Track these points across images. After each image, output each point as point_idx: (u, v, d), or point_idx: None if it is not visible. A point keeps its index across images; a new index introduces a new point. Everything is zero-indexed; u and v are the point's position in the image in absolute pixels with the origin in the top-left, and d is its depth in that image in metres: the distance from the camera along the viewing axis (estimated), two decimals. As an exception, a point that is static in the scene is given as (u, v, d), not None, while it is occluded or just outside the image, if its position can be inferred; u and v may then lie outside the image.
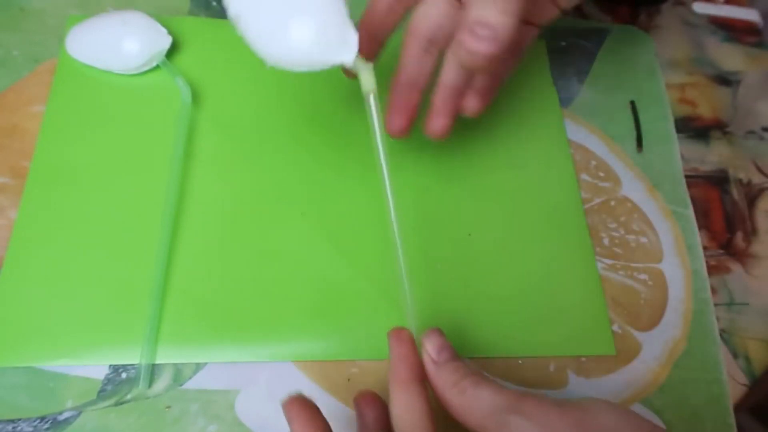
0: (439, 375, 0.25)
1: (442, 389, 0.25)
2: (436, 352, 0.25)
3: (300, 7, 0.24)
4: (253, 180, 0.37)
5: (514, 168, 0.40)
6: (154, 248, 0.33)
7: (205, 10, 0.43)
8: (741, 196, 0.43)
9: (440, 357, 0.25)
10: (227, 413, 0.31)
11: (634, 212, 0.40)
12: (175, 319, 0.32)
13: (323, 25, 0.25)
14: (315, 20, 0.25)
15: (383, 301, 0.34)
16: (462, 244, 0.37)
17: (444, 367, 0.25)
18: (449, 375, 0.25)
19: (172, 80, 0.38)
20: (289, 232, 0.35)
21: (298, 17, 0.24)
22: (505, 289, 0.36)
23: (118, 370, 0.31)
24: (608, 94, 0.45)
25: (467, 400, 0.24)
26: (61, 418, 0.30)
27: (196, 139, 0.37)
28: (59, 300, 0.32)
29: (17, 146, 0.36)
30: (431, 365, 0.25)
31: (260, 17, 0.25)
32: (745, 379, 0.36)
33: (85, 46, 0.37)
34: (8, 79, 0.38)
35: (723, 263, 0.40)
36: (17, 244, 0.33)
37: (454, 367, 0.25)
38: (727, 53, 0.49)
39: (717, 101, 0.47)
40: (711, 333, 0.37)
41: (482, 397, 0.23)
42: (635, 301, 0.37)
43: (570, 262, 0.37)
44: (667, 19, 0.50)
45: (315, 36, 0.25)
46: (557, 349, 0.35)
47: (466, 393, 0.24)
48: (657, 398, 0.34)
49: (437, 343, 0.26)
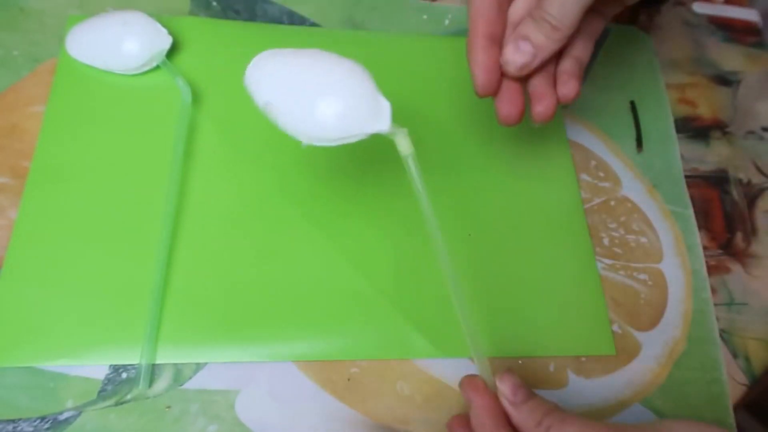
0: (521, 416, 0.25)
1: (526, 429, 0.25)
2: (512, 394, 0.25)
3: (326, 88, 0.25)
4: (253, 180, 0.37)
5: (514, 168, 0.40)
6: (154, 248, 0.33)
7: (205, 10, 0.43)
8: (741, 196, 0.43)
9: (516, 398, 0.25)
10: (227, 413, 0.31)
11: (634, 212, 0.40)
12: (176, 319, 0.32)
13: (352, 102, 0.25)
14: (343, 100, 0.25)
15: (383, 301, 0.34)
16: (462, 245, 0.37)
17: (522, 407, 0.25)
18: (530, 415, 0.25)
19: (172, 80, 0.38)
20: (290, 231, 0.35)
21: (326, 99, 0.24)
22: (505, 289, 0.36)
23: (118, 370, 0.31)
24: (608, 94, 0.45)
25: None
26: (62, 418, 0.30)
27: (196, 139, 0.37)
28: (59, 300, 0.32)
29: (17, 146, 0.36)
30: (510, 407, 0.25)
31: (289, 102, 0.25)
32: (745, 379, 0.36)
33: (85, 46, 0.37)
34: (8, 79, 0.38)
35: (723, 263, 0.40)
36: (17, 244, 0.33)
37: (533, 406, 0.25)
38: (727, 53, 0.49)
39: (717, 101, 0.47)
40: (711, 333, 0.37)
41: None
42: (635, 301, 0.37)
43: (570, 262, 0.37)
44: (667, 20, 0.50)
45: (345, 113, 0.25)
46: (557, 349, 0.35)
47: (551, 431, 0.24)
48: (657, 398, 0.34)
49: (511, 383, 0.26)
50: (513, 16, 0.29)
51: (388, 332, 0.34)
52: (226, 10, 0.43)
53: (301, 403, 0.32)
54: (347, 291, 0.34)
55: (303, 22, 0.44)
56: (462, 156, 0.40)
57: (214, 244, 0.34)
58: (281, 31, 0.43)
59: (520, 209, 0.38)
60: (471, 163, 0.39)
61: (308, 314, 0.33)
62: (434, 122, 0.41)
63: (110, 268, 0.33)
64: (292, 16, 0.44)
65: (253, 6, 0.44)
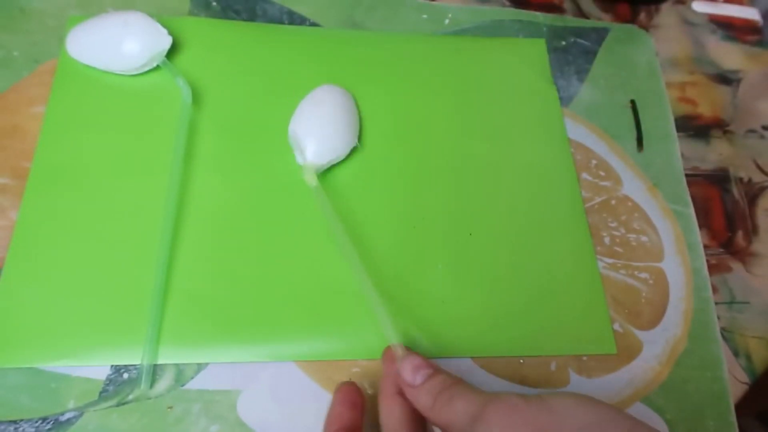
0: (418, 398, 0.26)
1: (425, 412, 0.25)
2: (411, 377, 0.26)
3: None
4: (253, 180, 0.36)
5: (515, 167, 0.40)
6: (155, 248, 0.33)
7: (205, 10, 0.43)
8: (741, 194, 0.43)
9: (416, 380, 0.26)
10: (229, 413, 0.31)
11: (635, 211, 0.40)
12: (177, 320, 0.32)
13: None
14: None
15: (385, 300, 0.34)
16: (463, 244, 0.37)
17: (421, 389, 0.25)
18: (425, 396, 0.25)
19: (172, 80, 0.37)
20: (290, 231, 0.35)
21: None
22: (506, 289, 0.36)
23: (119, 370, 0.31)
24: (608, 94, 0.45)
25: (445, 417, 0.24)
26: (63, 419, 0.30)
27: (196, 139, 0.37)
28: (61, 300, 0.32)
29: (18, 147, 0.36)
30: (409, 390, 0.26)
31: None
32: (746, 377, 0.36)
33: (85, 46, 0.37)
34: (8, 80, 0.38)
35: (724, 262, 0.40)
36: (18, 244, 0.33)
37: (429, 388, 0.25)
38: (727, 52, 0.49)
39: (717, 100, 0.47)
40: (712, 332, 0.37)
41: (457, 411, 0.24)
42: (636, 300, 0.37)
43: (571, 261, 0.37)
44: (667, 18, 0.50)
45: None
46: (558, 348, 0.35)
47: (443, 411, 0.24)
48: (658, 397, 0.34)
49: (410, 367, 0.26)
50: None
51: (389, 332, 0.34)
52: (226, 10, 0.43)
53: (302, 403, 0.32)
54: (348, 291, 0.34)
55: (303, 22, 0.44)
56: (462, 156, 0.40)
57: (215, 244, 0.34)
58: (281, 31, 0.43)
59: (520, 208, 0.38)
60: (471, 163, 0.39)
61: (309, 314, 0.33)
62: (434, 122, 0.41)
63: (111, 268, 0.33)
64: (292, 16, 0.44)
65: (252, 6, 0.44)
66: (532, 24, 0.47)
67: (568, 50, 0.46)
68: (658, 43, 0.48)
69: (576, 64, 0.46)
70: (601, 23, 0.48)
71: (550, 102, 0.43)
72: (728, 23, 0.50)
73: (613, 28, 0.48)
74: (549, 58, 0.45)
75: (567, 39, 0.47)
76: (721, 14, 0.51)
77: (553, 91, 0.44)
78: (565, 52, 0.46)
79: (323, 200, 0.34)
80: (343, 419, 0.27)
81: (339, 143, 0.36)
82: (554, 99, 0.43)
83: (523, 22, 0.47)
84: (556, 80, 0.44)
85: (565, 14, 0.49)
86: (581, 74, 0.45)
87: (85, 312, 0.32)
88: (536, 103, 0.43)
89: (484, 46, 0.45)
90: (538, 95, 0.43)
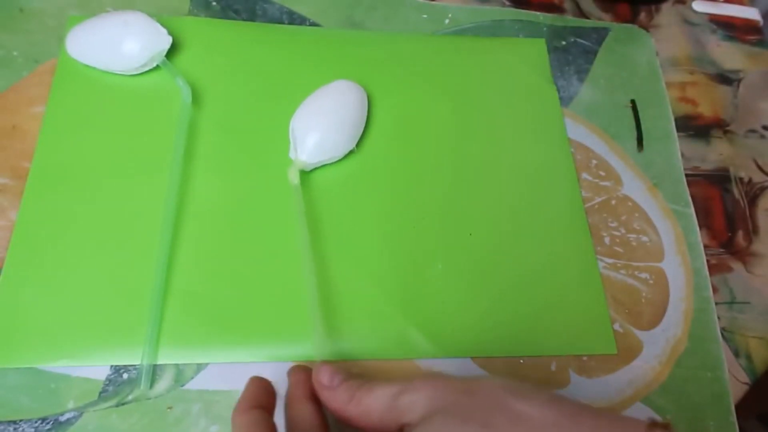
0: (335, 397, 0.26)
1: (342, 408, 0.25)
2: (329, 380, 0.26)
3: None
4: (253, 180, 0.36)
5: (514, 167, 0.40)
6: (155, 248, 0.33)
7: (205, 10, 0.43)
8: (742, 194, 0.43)
9: (333, 382, 0.26)
10: (229, 413, 0.31)
11: (635, 211, 0.40)
12: (177, 320, 0.32)
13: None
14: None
15: (384, 301, 0.34)
16: (463, 244, 0.37)
17: (338, 389, 0.26)
18: (344, 393, 0.26)
19: (172, 80, 0.37)
20: (290, 232, 0.35)
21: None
22: (506, 289, 0.36)
23: (119, 370, 0.31)
24: (608, 93, 0.45)
25: (365, 406, 0.25)
26: (63, 419, 0.30)
27: (195, 139, 0.37)
28: (60, 301, 0.32)
29: (17, 147, 0.36)
30: (326, 392, 0.26)
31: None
32: (747, 377, 0.36)
33: (85, 46, 0.37)
34: (8, 80, 0.38)
35: (724, 262, 0.40)
36: (18, 244, 0.33)
37: (347, 386, 0.26)
38: (727, 52, 0.49)
39: (717, 100, 0.47)
40: (712, 332, 0.37)
41: (376, 396, 0.25)
42: (636, 300, 0.37)
43: (571, 261, 0.37)
44: (667, 18, 0.50)
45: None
46: (558, 349, 0.35)
47: (363, 401, 0.25)
48: (658, 397, 0.34)
49: (328, 371, 0.27)
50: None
51: (388, 332, 0.34)
52: (226, 10, 0.43)
53: (302, 403, 0.32)
54: (349, 292, 0.34)
55: (303, 21, 0.44)
56: (462, 155, 0.40)
57: (215, 244, 0.34)
58: (281, 30, 0.43)
59: (520, 208, 0.38)
60: (471, 163, 0.39)
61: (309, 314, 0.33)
62: (434, 122, 0.41)
63: (111, 268, 0.33)
64: (292, 15, 0.44)
65: (252, 6, 0.44)
66: (532, 24, 0.47)
67: (568, 50, 0.46)
68: (659, 43, 0.48)
69: (576, 64, 0.45)
70: (601, 23, 0.48)
71: (550, 102, 0.43)
72: (728, 23, 0.50)
73: (613, 28, 0.48)
74: (549, 58, 0.45)
75: (567, 39, 0.47)
76: (721, 14, 0.51)
77: (553, 91, 0.43)
78: (565, 52, 0.46)
79: (299, 201, 0.34)
80: (260, 400, 0.26)
81: (333, 145, 0.36)
82: (554, 99, 0.43)
83: (523, 22, 0.47)
84: (556, 80, 0.44)
85: (565, 14, 0.49)
86: (581, 74, 0.45)
87: (85, 312, 0.32)
88: (536, 103, 0.43)
89: (484, 46, 0.45)
90: (538, 95, 0.43)
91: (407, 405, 0.23)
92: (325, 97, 0.37)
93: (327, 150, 0.36)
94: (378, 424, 0.24)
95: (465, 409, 0.22)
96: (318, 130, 0.36)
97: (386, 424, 0.24)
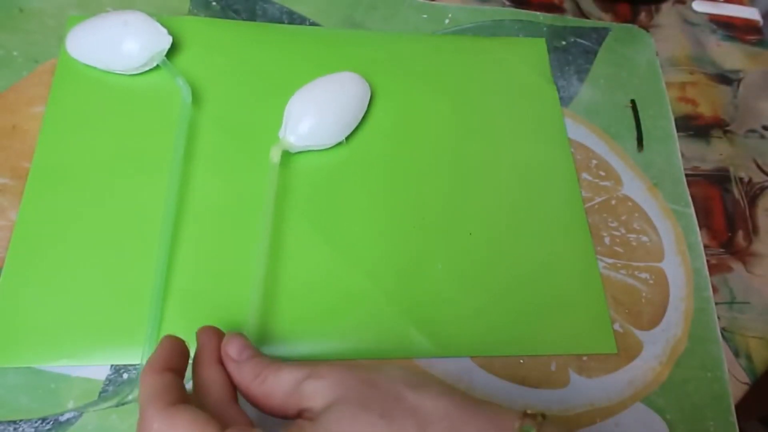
0: (241, 372, 0.26)
1: (246, 385, 0.25)
2: (237, 353, 0.26)
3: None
4: (253, 180, 0.36)
5: (514, 167, 0.40)
6: (155, 248, 0.33)
7: (205, 10, 0.43)
8: (742, 194, 0.43)
9: (241, 356, 0.26)
10: (229, 413, 0.31)
11: (635, 211, 0.40)
12: (176, 319, 0.32)
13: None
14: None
15: (385, 301, 0.34)
16: (463, 244, 0.37)
17: (245, 364, 0.26)
18: (250, 370, 0.25)
19: (172, 80, 0.37)
20: (290, 231, 0.35)
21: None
22: (506, 288, 0.36)
23: (119, 370, 0.31)
24: (608, 93, 0.45)
25: (269, 386, 0.25)
26: (63, 419, 0.30)
27: (195, 139, 0.37)
28: (60, 300, 0.32)
29: (17, 147, 0.36)
30: (232, 364, 0.26)
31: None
32: (747, 377, 0.36)
33: (85, 46, 0.37)
34: (8, 80, 0.38)
35: (724, 262, 0.40)
36: (18, 244, 0.33)
37: (255, 363, 0.26)
38: (727, 52, 0.49)
39: (717, 100, 0.47)
40: (712, 332, 0.37)
41: (282, 378, 0.25)
42: (636, 300, 0.37)
43: (571, 261, 0.37)
44: (667, 18, 0.50)
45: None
46: (558, 348, 0.35)
47: (267, 380, 0.25)
48: (658, 397, 0.34)
49: (238, 344, 0.26)
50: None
51: (388, 332, 0.34)
52: (226, 9, 0.43)
53: (302, 403, 0.32)
54: (349, 291, 0.34)
55: (303, 21, 0.44)
56: (462, 155, 0.40)
57: (215, 244, 0.34)
58: (281, 30, 0.43)
59: (520, 208, 0.38)
60: (471, 162, 0.39)
61: (309, 314, 0.33)
62: (434, 122, 0.41)
63: (111, 268, 0.33)
64: (292, 15, 0.44)
65: (252, 6, 0.44)
66: (532, 24, 0.47)
67: (568, 50, 0.46)
68: (659, 43, 0.48)
69: (576, 64, 0.45)
70: (601, 23, 0.48)
71: (550, 102, 0.43)
72: (728, 23, 0.50)
73: (613, 28, 0.48)
74: (549, 58, 0.45)
75: (567, 39, 0.47)
76: (721, 14, 0.51)
77: (553, 91, 0.43)
78: (565, 52, 0.46)
79: (273, 180, 0.34)
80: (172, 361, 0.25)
81: (323, 133, 0.36)
82: (554, 99, 0.43)
83: (523, 22, 0.47)
84: (556, 80, 0.44)
85: (565, 14, 0.49)
86: (581, 74, 0.45)
87: (84, 312, 0.32)
88: (536, 103, 0.43)
89: (484, 45, 0.45)
90: (538, 95, 0.43)
91: (311, 391, 0.24)
92: (328, 84, 0.37)
93: (316, 136, 0.36)
94: (278, 405, 0.24)
95: (365, 399, 0.23)
96: (311, 115, 0.36)
97: (287, 407, 0.24)
